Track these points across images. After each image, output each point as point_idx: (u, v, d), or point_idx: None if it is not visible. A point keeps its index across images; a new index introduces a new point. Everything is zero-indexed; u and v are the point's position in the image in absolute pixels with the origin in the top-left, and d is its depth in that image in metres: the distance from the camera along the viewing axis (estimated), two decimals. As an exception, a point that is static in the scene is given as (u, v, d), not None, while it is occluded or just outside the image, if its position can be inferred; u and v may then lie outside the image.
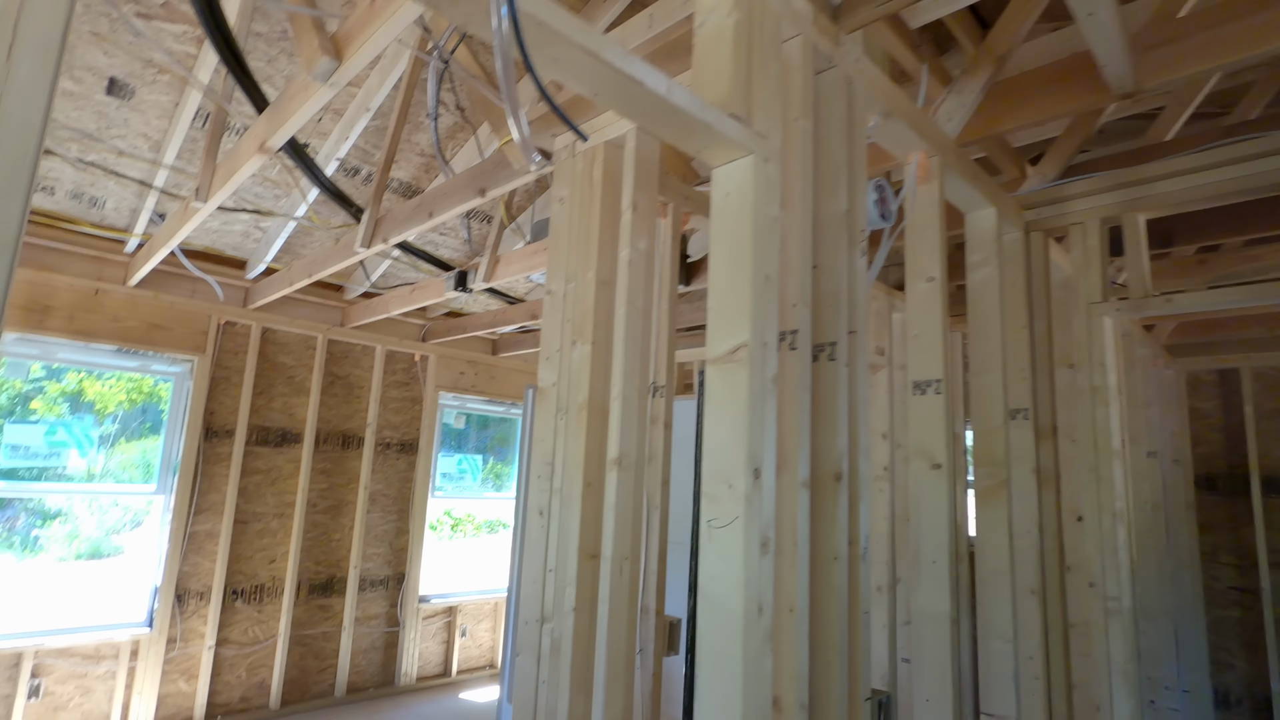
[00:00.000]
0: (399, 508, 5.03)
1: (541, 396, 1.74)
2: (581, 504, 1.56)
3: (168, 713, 3.92)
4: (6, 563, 9.21)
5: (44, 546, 10.31)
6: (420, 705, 4.61)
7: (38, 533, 10.69)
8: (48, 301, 3.69)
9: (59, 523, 10.77)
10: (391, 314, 4.26)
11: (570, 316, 1.69)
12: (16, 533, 10.47)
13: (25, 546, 10.32)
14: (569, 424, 1.63)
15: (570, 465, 1.60)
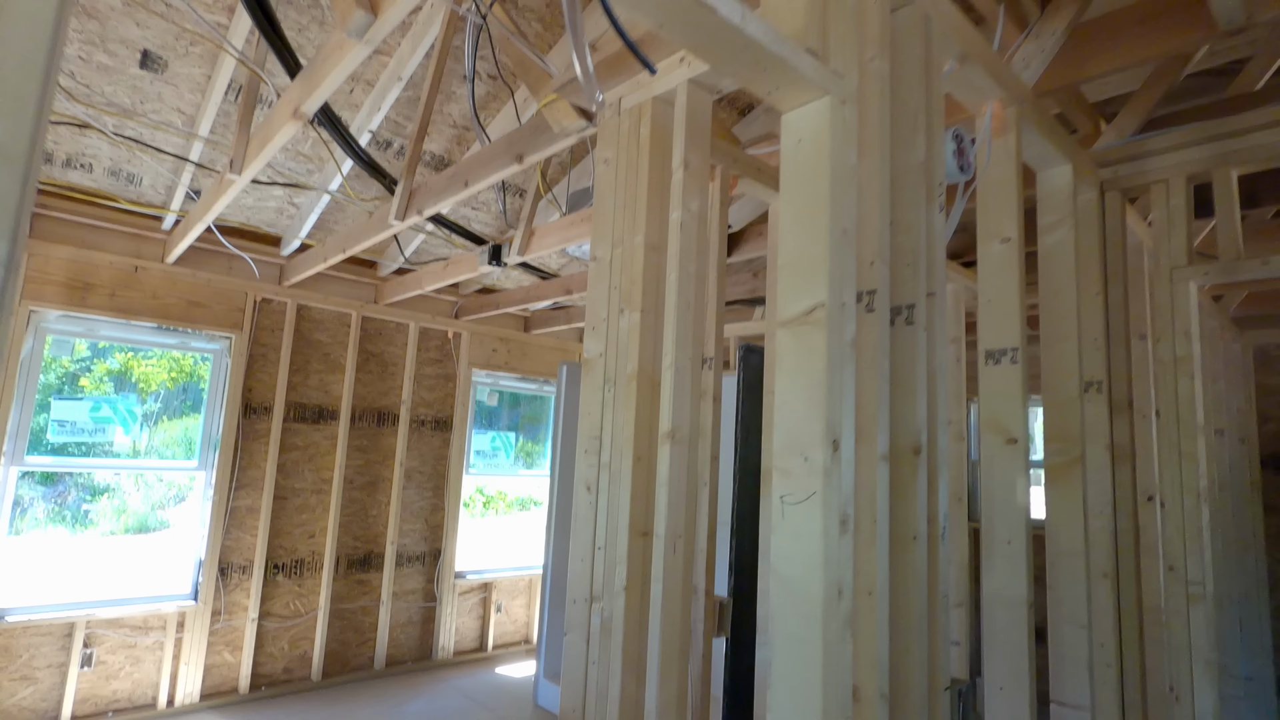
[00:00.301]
0: (434, 484, 5.04)
1: (588, 368, 1.67)
2: (631, 479, 1.49)
3: (214, 683, 4.01)
4: (59, 536, 9.51)
5: (94, 521, 10.63)
6: (458, 679, 4.66)
7: (87, 507, 11.02)
8: (89, 279, 3.72)
9: (107, 498, 11.07)
10: (425, 290, 4.22)
11: (617, 284, 1.61)
12: (68, 507, 10.79)
13: (76, 521, 10.65)
14: (617, 396, 1.55)
15: (619, 439, 1.53)
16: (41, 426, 3.70)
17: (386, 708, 4.09)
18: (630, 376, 1.53)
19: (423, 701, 4.22)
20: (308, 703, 4.09)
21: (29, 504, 9.65)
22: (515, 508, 11.14)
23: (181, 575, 4.05)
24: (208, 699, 3.95)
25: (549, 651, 4.33)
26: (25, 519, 9.40)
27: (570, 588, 1.61)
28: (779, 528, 0.97)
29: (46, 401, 3.74)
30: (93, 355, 8.10)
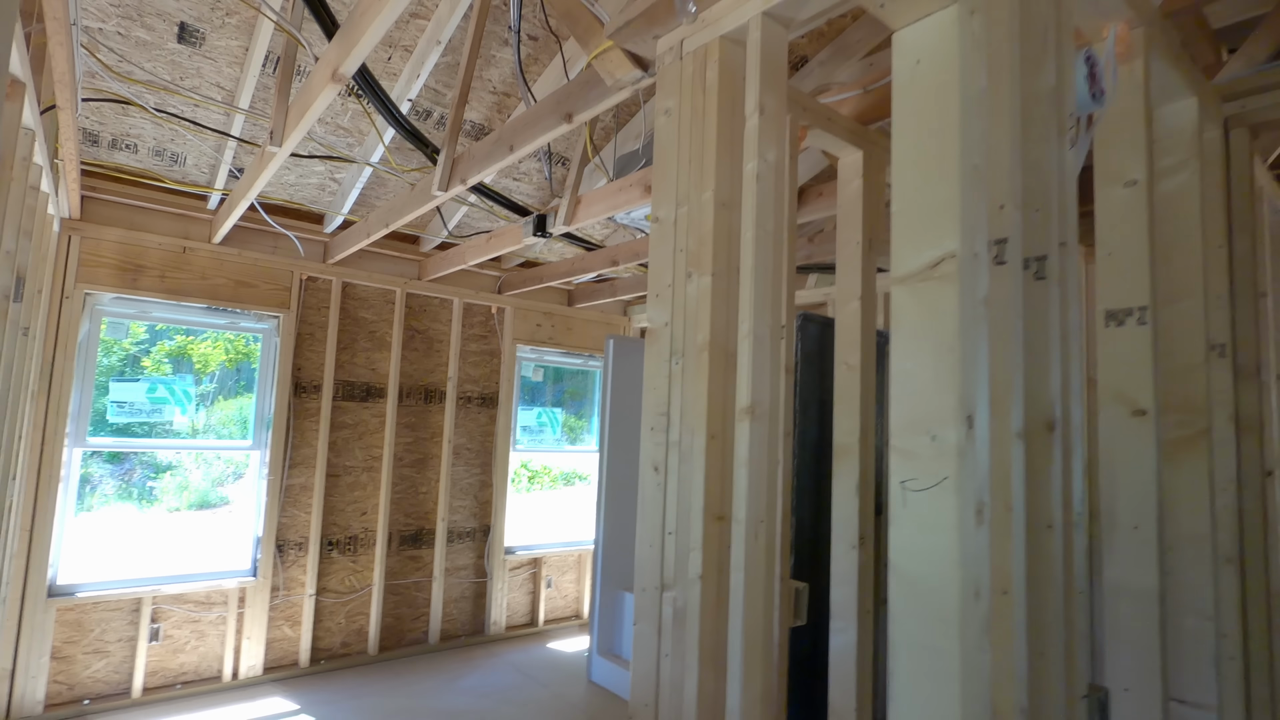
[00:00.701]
0: (481, 461, 5.02)
1: (652, 339, 1.54)
2: (705, 459, 1.36)
3: (276, 656, 4.08)
4: (126, 513, 9.90)
5: (158, 497, 11.06)
6: (510, 654, 4.67)
7: (152, 484, 11.47)
8: (140, 261, 3.74)
9: (170, 475, 11.49)
10: (468, 264, 4.14)
11: (684, 245, 1.47)
12: (134, 485, 11.24)
13: (142, 497, 11.09)
14: (686, 368, 1.42)
15: (690, 415, 1.40)
16: (102, 408, 3.77)
17: (442, 681, 4.12)
18: (701, 347, 1.40)
19: (477, 676, 4.24)
20: (366, 676, 4.15)
21: (98, 481, 10.08)
22: (560, 483, 11.19)
23: (241, 552, 4.12)
24: (270, 672, 4.02)
25: (601, 628, 4.29)
26: (95, 496, 9.83)
27: (638, 575, 1.50)
28: (899, 518, 0.83)
29: (106, 384, 3.80)
30: (151, 338, 8.33)
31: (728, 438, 1.40)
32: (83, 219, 3.59)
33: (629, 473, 4.48)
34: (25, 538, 3.37)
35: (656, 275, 1.55)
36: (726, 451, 1.39)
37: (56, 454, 3.46)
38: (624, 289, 5.04)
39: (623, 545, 4.41)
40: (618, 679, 4.09)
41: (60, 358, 3.49)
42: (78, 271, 3.56)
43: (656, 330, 1.52)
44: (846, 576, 1.91)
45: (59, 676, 3.47)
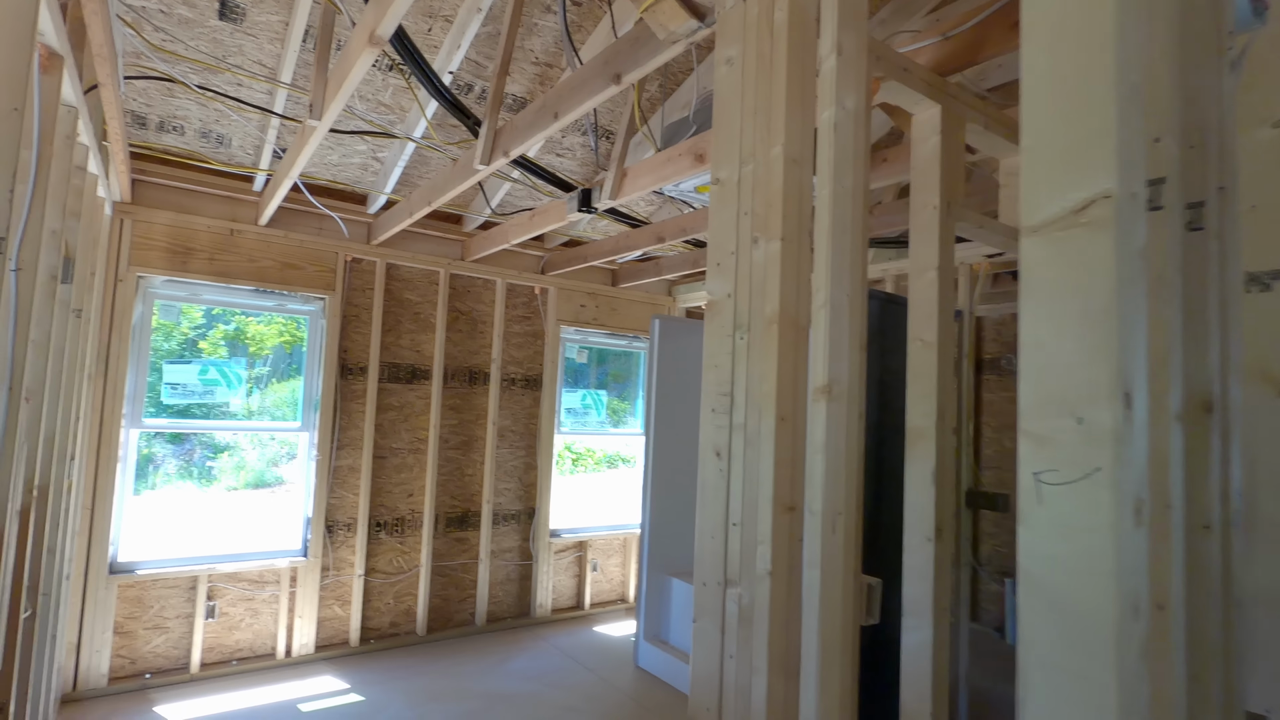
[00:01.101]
0: (526, 443, 4.98)
1: (713, 312, 1.41)
2: (775, 443, 1.23)
3: (327, 635, 4.13)
4: (187, 491, 10.26)
5: (216, 476, 11.44)
6: (557, 637, 4.64)
7: (211, 464, 11.86)
8: (189, 244, 3.76)
9: (228, 455, 11.86)
10: (510, 243, 4.05)
11: (748, 208, 1.33)
12: (194, 464, 11.64)
13: (201, 476, 11.49)
14: (753, 344, 1.29)
15: (756, 395, 1.27)
16: (157, 390, 3.82)
17: (490, 664, 4.11)
18: (769, 320, 1.26)
19: (524, 659, 4.22)
20: (415, 656, 4.16)
21: (161, 461, 10.49)
22: (605, 465, 11.17)
23: (292, 532, 4.16)
24: (322, 650, 4.07)
25: (648, 614, 4.22)
26: (159, 474, 10.23)
27: (698, 568, 1.39)
28: (1032, 518, 0.69)
29: (159, 366, 3.85)
30: (208, 322, 8.58)
31: (799, 420, 1.26)
32: (134, 202, 3.62)
33: (675, 456, 4.37)
34: (86, 516, 3.45)
35: (717, 243, 1.41)
36: (798, 435, 1.26)
37: (114, 435, 3.52)
38: (670, 267, 4.89)
39: (669, 530, 4.31)
40: (665, 665, 4.01)
41: (115, 340, 3.54)
42: (130, 255, 3.59)
43: (718, 302, 1.39)
44: (921, 571, 1.76)
45: (121, 651, 3.57)
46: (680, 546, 4.36)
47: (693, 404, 4.48)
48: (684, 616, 4.11)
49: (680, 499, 4.38)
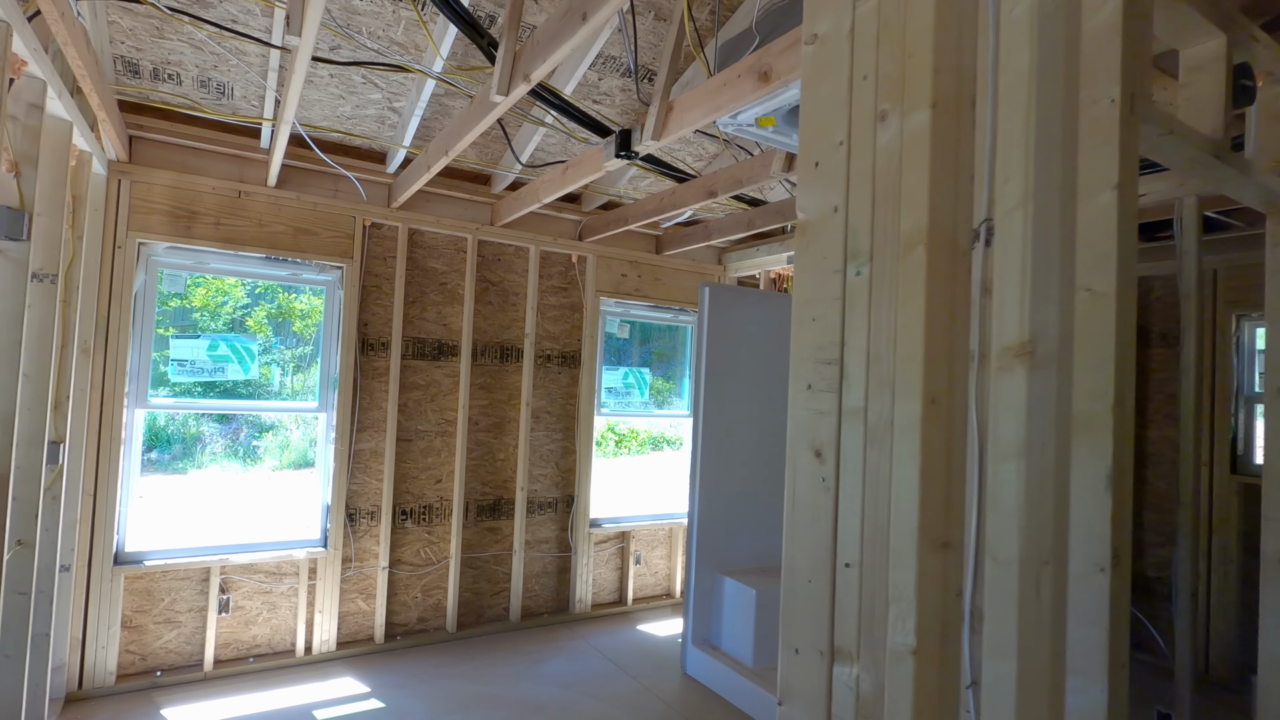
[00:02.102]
0: (563, 425, 4.58)
1: (808, 236, 0.93)
2: (920, 440, 0.75)
3: (350, 630, 3.83)
4: (231, 472, 10.22)
5: (262, 456, 11.42)
6: (597, 636, 4.26)
7: (257, 443, 11.84)
8: (193, 207, 3.43)
9: (272, 434, 11.81)
10: (543, 202, 3.61)
11: (870, 66, 0.83)
12: (240, 443, 11.63)
13: (248, 456, 11.48)
14: (878, 281, 0.81)
15: (885, 363, 0.79)
16: (164, 366, 3.54)
17: (524, 666, 3.75)
18: (910, 240, 0.78)
19: (561, 661, 3.85)
20: (443, 656, 3.84)
21: (209, 440, 10.52)
22: (648, 447, 10.76)
23: (310, 520, 3.87)
24: (344, 647, 3.78)
25: (697, 616, 3.79)
26: (205, 454, 10.26)
27: (786, 625, 0.92)
28: None
29: (167, 341, 3.56)
30: (251, 299, 8.40)
31: (956, 402, 0.78)
32: (131, 161, 3.30)
33: (727, 441, 3.90)
34: (88, 504, 3.19)
35: (816, 131, 0.92)
36: (956, 427, 0.78)
37: (116, 415, 3.24)
38: (720, 231, 4.38)
39: (720, 522, 3.86)
40: (715, 674, 3.59)
41: (115, 312, 3.25)
42: (129, 219, 3.28)
43: (817, 222, 0.91)
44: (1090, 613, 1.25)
45: (131, 646, 3.32)
46: (733, 541, 3.91)
47: (748, 382, 4.00)
48: (737, 620, 3.66)
49: (733, 488, 3.91)
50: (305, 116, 3.40)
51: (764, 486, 4.05)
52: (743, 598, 3.64)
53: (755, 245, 4.95)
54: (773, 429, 4.09)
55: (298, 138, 3.55)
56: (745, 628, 3.60)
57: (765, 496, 4.05)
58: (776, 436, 4.11)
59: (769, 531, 4.06)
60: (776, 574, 3.90)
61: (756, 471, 4.01)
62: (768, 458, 4.07)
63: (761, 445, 4.04)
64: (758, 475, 4.02)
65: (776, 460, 4.10)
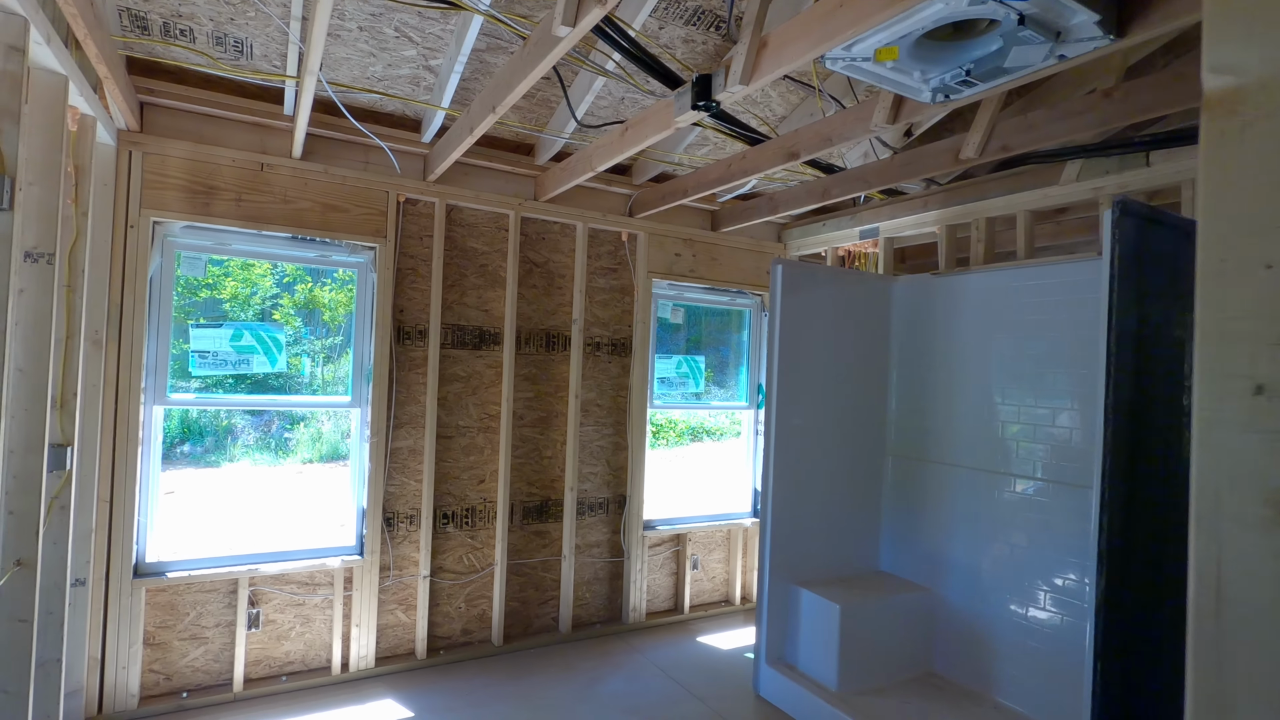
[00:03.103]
0: (614, 419, 4.20)
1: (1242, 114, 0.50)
2: None
3: (389, 645, 3.52)
4: (263, 466, 10.01)
5: (294, 449, 11.21)
6: (655, 649, 3.89)
7: (288, 435, 11.64)
8: (212, 181, 3.10)
9: (303, 426, 11.58)
10: (596, 171, 3.21)
11: None
12: (271, 436, 11.44)
13: (279, 449, 11.28)
14: None
15: None
16: (184, 358, 3.23)
17: (580, 686, 3.40)
18: None
19: (619, 679, 3.49)
20: (491, 672, 3.50)
21: (241, 432, 10.35)
22: (687, 438, 10.35)
23: (345, 525, 3.55)
24: (384, 663, 3.46)
25: (771, 630, 3.40)
26: (237, 447, 10.08)
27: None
28: None
29: (186, 329, 3.25)
30: (279, 288, 8.13)
31: None
32: (143, 131, 2.97)
33: (804, 437, 3.49)
34: (104, 511, 2.89)
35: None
36: None
37: (133, 413, 2.93)
38: (786, 203, 3.94)
39: (796, 528, 3.46)
40: (793, 698, 3.20)
41: (129, 300, 2.93)
42: (141, 195, 2.96)
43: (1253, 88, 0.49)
44: None
45: (154, 665, 3.03)
46: (808, 549, 3.51)
47: (825, 372, 3.57)
48: (818, 638, 3.27)
49: (808, 491, 3.50)
50: (332, 78, 3.04)
51: (841, 489, 3.63)
52: (825, 613, 3.24)
53: (821, 220, 4.50)
54: (853, 425, 3.67)
55: (324, 104, 3.19)
56: (828, 647, 3.20)
57: (842, 500, 3.63)
58: (857, 434, 3.68)
59: (845, 539, 3.65)
60: (856, 586, 3.49)
61: (833, 473, 3.60)
62: (845, 457, 3.65)
63: (842, 443, 3.62)
64: (834, 477, 3.60)
65: (854, 460, 3.68)
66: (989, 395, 3.30)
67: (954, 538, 3.42)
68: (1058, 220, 4.09)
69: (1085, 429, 2.89)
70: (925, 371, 3.63)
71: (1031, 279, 3.11)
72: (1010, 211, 3.38)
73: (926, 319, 3.64)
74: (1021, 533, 3.10)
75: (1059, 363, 2.99)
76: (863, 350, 3.72)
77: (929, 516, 3.56)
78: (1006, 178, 3.39)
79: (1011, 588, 3.13)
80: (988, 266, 3.39)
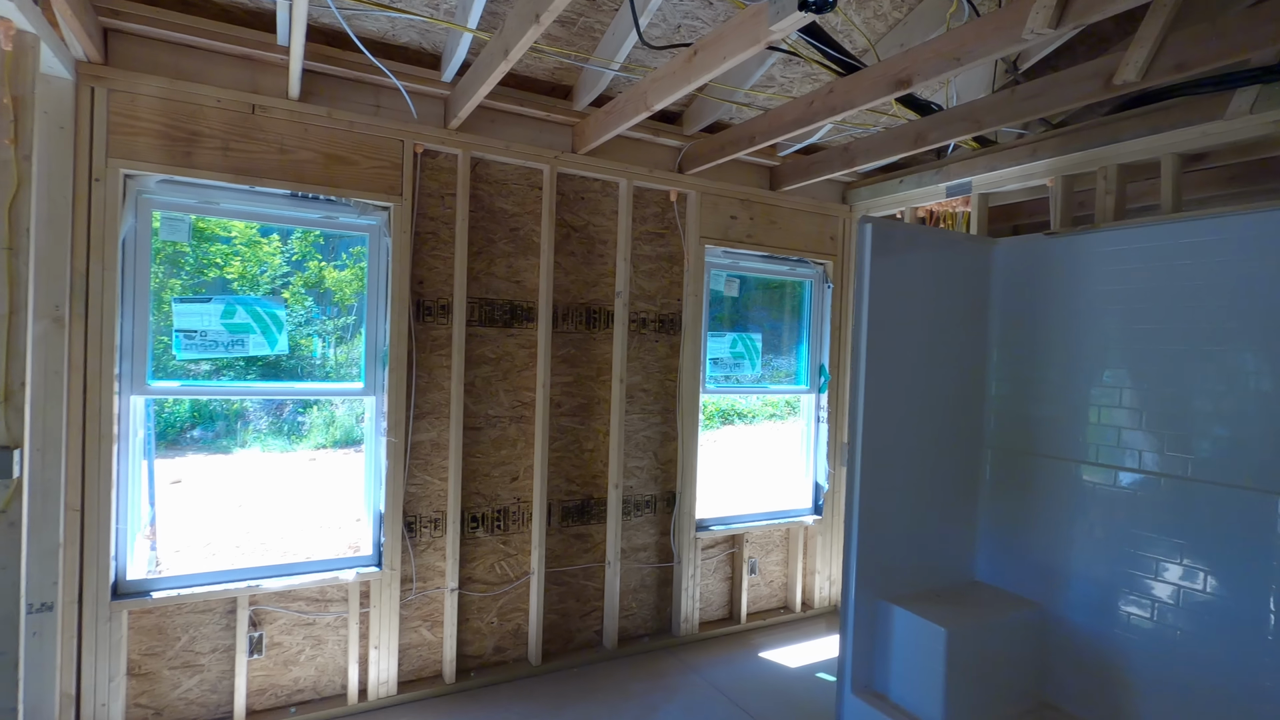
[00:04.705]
0: (661, 405, 3.69)
1: None
2: None
3: (413, 667, 3.06)
4: (274, 453, 9.56)
5: (307, 434, 10.78)
6: (712, 667, 3.42)
7: (301, 419, 11.22)
8: (193, 126, 2.58)
9: (317, 409, 11.13)
10: (653, 110, 2.65)
11: None
12: (284, 420, 11.03)
13: (292, 434, 10.85)
14: None
15: None
16: (167, 339, 2.74)
17: (634, 717, 2.93)
18: None
19: (678, 709, 3.02)
20: (530, 699, 3.04)
21: (253, 416, 9.92)
22: (717, 421, 9.82)
23: (359, 531, 3.08)
24: (407, 688, 3.01)
25: (857, 653, 2.90)
26: (249, 431, 9.68)
27: None
28: None
29: (168, 304, 2.75)
30: (290, 266, 7.57)
31: None
32: (108, 63, 2.45)
33: (899, 426, 2.96)
34: (75, 522, 2.42)
35: None
36: None
37: (106, 404, 2.45)
38: (866, 153, 3.37)
39: (887, 532, 2.94)
40: (887, 734, 2.71)
41: (97, 269, 2.44)
42: (108, 142, 2.45)
43: None
44: None
45: (141, 698, 2.59)
46: (899, 557, 2.99)
47: (921, 354, 3.03)
48: (917, 665, 2.77)
49: (900, 489, 2.98)
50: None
51: (933, 487, 3.11)
52: (926, 637, 2.73)
53: (896, 176, 3.92)
54: (947, 414, 3.13)
55: (326, 33, 2.66)
56: (930, 676, 2.70)
57: (934, 500, 3.11)
58: (951, 423, 3.15)
59: (937, 545, 3.13)
60: (955, 601, 2.98)
61: (924, 468, 3.07)
62: (938, 451, 3.11)
63: (935, 434, 3.09)
64: (925, 473, 3.08)
65: (948, 454, 3.15)
66: (1128, 378, 2.74)
67: (1074, 546, 2.89)
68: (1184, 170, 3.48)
69: (1268, 420, 2.34)
70: (1037, 350, 3.07)
71: (1209, 233, 2.52)
72: (1150, 156, 2.79)
73: (1039, 287, 3.07)
74: (1172, 543, 2.57)
75: (1245, 340, 2.43)
76: (958, 325, 3.17)
77: (1040, 519, 3.03)
78: (1145, 115, 2.80)
79: (1155, 607, 2.60)
80: (1124, 223, 2.82)
